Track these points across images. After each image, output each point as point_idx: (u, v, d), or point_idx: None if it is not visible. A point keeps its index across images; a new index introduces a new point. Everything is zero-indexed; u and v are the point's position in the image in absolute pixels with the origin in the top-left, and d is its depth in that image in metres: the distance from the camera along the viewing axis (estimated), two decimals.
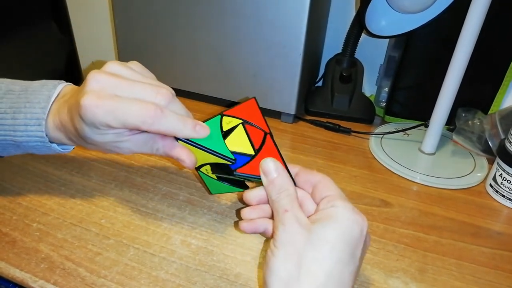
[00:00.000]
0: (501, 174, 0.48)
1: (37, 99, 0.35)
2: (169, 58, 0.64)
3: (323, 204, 0.30)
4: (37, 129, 0.35)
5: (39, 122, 0.34)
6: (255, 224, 0.34)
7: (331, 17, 0.72)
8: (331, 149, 0.58)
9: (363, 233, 0.29)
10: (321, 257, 0.26)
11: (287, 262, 0.27)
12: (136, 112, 0.29)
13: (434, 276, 0.37)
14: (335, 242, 0.27)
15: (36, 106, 0.34)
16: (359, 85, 0.67)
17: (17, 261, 0.35)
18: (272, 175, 0.32)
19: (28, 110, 0.34)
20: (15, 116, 0.35)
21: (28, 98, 0.35)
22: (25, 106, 0.35)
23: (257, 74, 0.60)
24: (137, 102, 0.30)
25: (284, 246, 0.27)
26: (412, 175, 0.52)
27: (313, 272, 0.26)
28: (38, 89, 0.36)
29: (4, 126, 0.35)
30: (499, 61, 0.58)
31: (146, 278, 0.35)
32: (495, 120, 0.56)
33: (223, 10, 0.57)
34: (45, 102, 0.34)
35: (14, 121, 0.35)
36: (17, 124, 0.35)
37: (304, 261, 0.26)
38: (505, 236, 0.44)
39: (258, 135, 0.35)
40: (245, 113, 0.36)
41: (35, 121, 0.34)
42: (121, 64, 0.33)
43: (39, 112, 0.34)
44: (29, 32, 0.74)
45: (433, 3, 0.50)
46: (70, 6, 0.79)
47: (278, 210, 0.30)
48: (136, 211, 0.43)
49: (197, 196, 0.45)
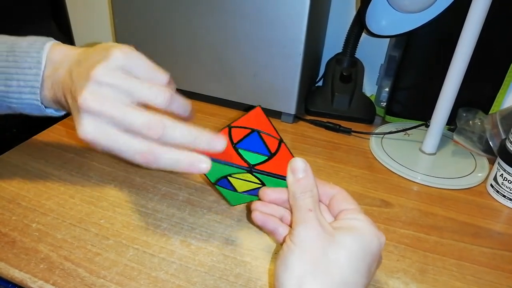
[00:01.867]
0: (502, 174, 0.48)
1: (27, 63, 0.33)
2: (169, 58, 0.64)
3: (343, 216, 0.30)
4: (31, 97, 0.34)
5: (34, 91, 0.33)
6: (267, 218, 0.33)
7: (331, 17, 0.72)
8: (332, 149, 0.58)
9: (381, 249, 0.29)
10: (341, 262, 0.26)
11: (304, 260, 0.26)
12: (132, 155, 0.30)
13: (435, 277, 0.37)
14: (357, 252, 0.27)
15: (28, 72, 0.33)
16: (359, 85, 0.67)
17: (17, 262, 0.35)
18: (299, 174, 0.31)
19: (21, 77, 0.33)
20: (7, 83, 0.34)
21: (18, 62, 0.34)
22: (16, 72, 0.33)
23: (257, 74, 0.60)
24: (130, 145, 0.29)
25: (303, 244, 0.27)
26: (413, 175, 0.52)
27: (330, 273, 0.26)
28: (26, 49, 0.34)
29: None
30: (499, 61, 0.58)
31: (146, 278, 0.35)
32: (496, 120, 0.55)
33: (223, 10, 0.57)
34: (36, 68, 0.33)
35: (7, 88, 0.34)
36: (10, 92, 0.34)
37: (322, 262, 0.26)
38: (505, 236, 0.44)
39: (273, 143, 0.35)
40: (254, 122, 0.35)
41: (29, 89, 0.33)
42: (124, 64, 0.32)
43: (31, 79, 0.33)
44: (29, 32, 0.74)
45: (433, 3, 0.50)
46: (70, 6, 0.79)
47: (300, 208, 0.29)
48: (135, 212, 0.42)
49: (197, 196, 0.45)
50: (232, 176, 0.36)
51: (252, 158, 0.35)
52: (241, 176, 0.36)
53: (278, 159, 0.35)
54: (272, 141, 0.35)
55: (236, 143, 0.35)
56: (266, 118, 0.35)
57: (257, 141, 0.35)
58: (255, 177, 0.35)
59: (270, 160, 0.35)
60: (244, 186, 0.37)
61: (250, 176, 0.35)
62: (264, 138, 0.35)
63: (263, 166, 0.35)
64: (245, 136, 0.35)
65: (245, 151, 0.35)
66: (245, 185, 0.37)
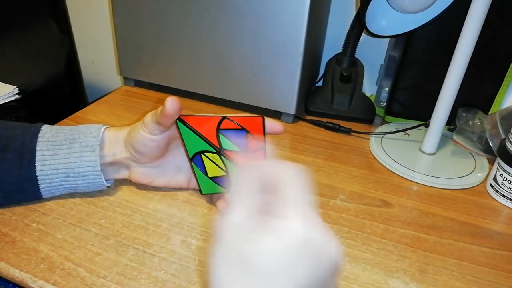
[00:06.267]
0: (502, 174, 0.48)
1: (89, 130, 0.41)
2: (168, 58, 0.64)
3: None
4: (91, 155, 0.40)
5: (93, 149, 0.40)
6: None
7: (331, 17, 0.72)
8: (331, 149, 0.58)
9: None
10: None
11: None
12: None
13: (435, 276, 0.37)
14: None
15: (89, 135, 0.41)
16: (359, 85, 0.67)
17: (17, 261, 0.35)
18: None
19: (83, 139, 0.40)
20: (71, 145, 0.40)
21: (80, 130, 0.41)
22: (79, 137, 0.41)
23: (257, 74, 0.60)
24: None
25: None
26: (413, 175, 0.52)
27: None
28: (87, 125, 0.42)
29: (59, 155, 0.40)
30: (499, 61, 0.58)
31: (146, 278, 0.35)
32: (495, 120, 0.56)
33: (223, 10, 0.57)
34: (96, 132, 0.41)
35: (70, 149, 0.40)
36: (72, 152, 0.40)
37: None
38: (505, 236, 0.44)
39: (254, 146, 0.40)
40: (248, 125, 0.39)
41: (90, 147, 0.40)
42: None
43: (92, 140, 0.40)
44: (28, 32, 0.74)
45: (433, 3, 0.50)
46: (70, 6, 0.79)
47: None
48: (135, 211, 0.42)
49: (197, 196, 0.45)
50: (205, 154, 0.39)
51: (227, 145, 0.39)
52: (212, 157, 0.39)
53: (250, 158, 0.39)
54: (253, 144, 0.39)
55: (221, 129, 0.39)
56: (261, 127, 0.39)
57: (240, 136, 0.39)
58: (222, 162, 0.39)
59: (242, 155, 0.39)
60: (213, 170, 0.40)
61: (218, 160, 0.39)
62: (248, 138, 0.39)
63: (232, 155, 0.38)
64: (233, 128, 0.39)
65: (224, 137, 0.39)
66: (214, 169, 0.40)
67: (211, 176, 0.41)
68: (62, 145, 0.40)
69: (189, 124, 0.38)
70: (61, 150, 0.40)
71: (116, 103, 0.67)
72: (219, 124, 0.39)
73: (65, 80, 0.84)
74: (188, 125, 0.38)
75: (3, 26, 0.70)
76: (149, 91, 0.70)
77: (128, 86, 0.72)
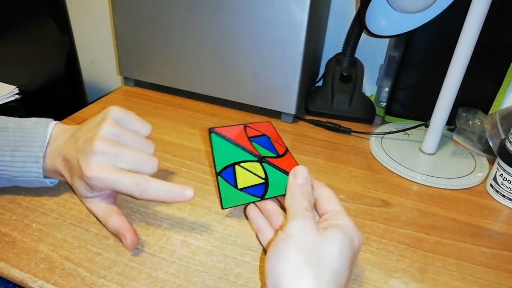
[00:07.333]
0: (502, 174, 0.48)
1: (33, 138, 0.39)
2: (168, 58, 0.64)
3: (329, 217, 0.33)
4: (35, 166, 0.39)
5: (37, 160, 0.38)
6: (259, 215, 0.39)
7: (331, 17, 0.72)
8: (331, 149, 0.58)
9: (361, 245, 0.32)
10: (333, 256, 0.28)
11: (300, 252, 0.28)
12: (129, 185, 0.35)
13: (435, 277, 0.37)
14: (344, 247, 0.29)
15: (34, 145, 0.39)
16: (359, 85, 0.67)
17: (17, 261, 0.35)
18: (301, 180, 0.34)
19: (27, 148, 0.39)
20: (14, 154, 0.39)
21: (24, 136, 0.39)
22: (23, 145, 0.39)
23: (257, 74, 0.60)
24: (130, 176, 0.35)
25: (299, 237, 0.29)
26: (413, 175, 0.52)
27: (324, 267, 0.28)
28: (32, 127, 0.40)
29: (1, 161, 0.39)
30: (499, 61, 0.58)
31: (146, 278, 0.35)
32: (495, 120, 0.56)
33: (223, 9, 0.57)
34: (41, 141, 0.39)
35: (13, 158, 0.38)
36: (15, 161, 0.39)
37: (315, 253, 0.28)
38: (505, 236, 0.44)
39: (280, 149, 0.41)
40: (265, 130, 0.41)
41: (34, 158, 0.38)
42: (116, 126, 0.37)
43: (37, 150, 0.38)
44: (28, 32, 0.74)
45: (433, 3, 0.50)
46: (70, 6, 0.79)
47: (298, 207, 0.32)
48: (135, 211, 0.42)
49: (197, 196, 0.45)
50: (240, 165, 0.38)
51: (263, 152, 0.39)
52: (249, 166, 0.38)
53: (283, 162, 0.39)
54: (280, 147, 0.40)
55: (250, 137, 0.39)
56: (274, 130, 0.42)
57: (267, 142, 0.40)
58: (262, 169, 0.38)
59: (277, 159, 0.39)
60: (247, 180, 0.38)
61: (257, 168, 0.38)
62: (273, 142, 0.40)
63: (271, 161, 0.39)
64: (258, 135, 0.40)
65: (257, 145, 0.39)
66: (248, 178, 0.38)
67: (242, 187, 0.38)
68: (4, 152, 0.38)
69: (225, 136, 0.37)
70: (3, 157, 0.38)
71: (116, 103, 0.67)
72: (246, 134, 0.39)
73: (65, 80, 0.84)
74: (224, 136, 0.37)
75: (3, 26, 0.70)
76: (149, 91, 0.71)
77: (128, 86, 0.72)
